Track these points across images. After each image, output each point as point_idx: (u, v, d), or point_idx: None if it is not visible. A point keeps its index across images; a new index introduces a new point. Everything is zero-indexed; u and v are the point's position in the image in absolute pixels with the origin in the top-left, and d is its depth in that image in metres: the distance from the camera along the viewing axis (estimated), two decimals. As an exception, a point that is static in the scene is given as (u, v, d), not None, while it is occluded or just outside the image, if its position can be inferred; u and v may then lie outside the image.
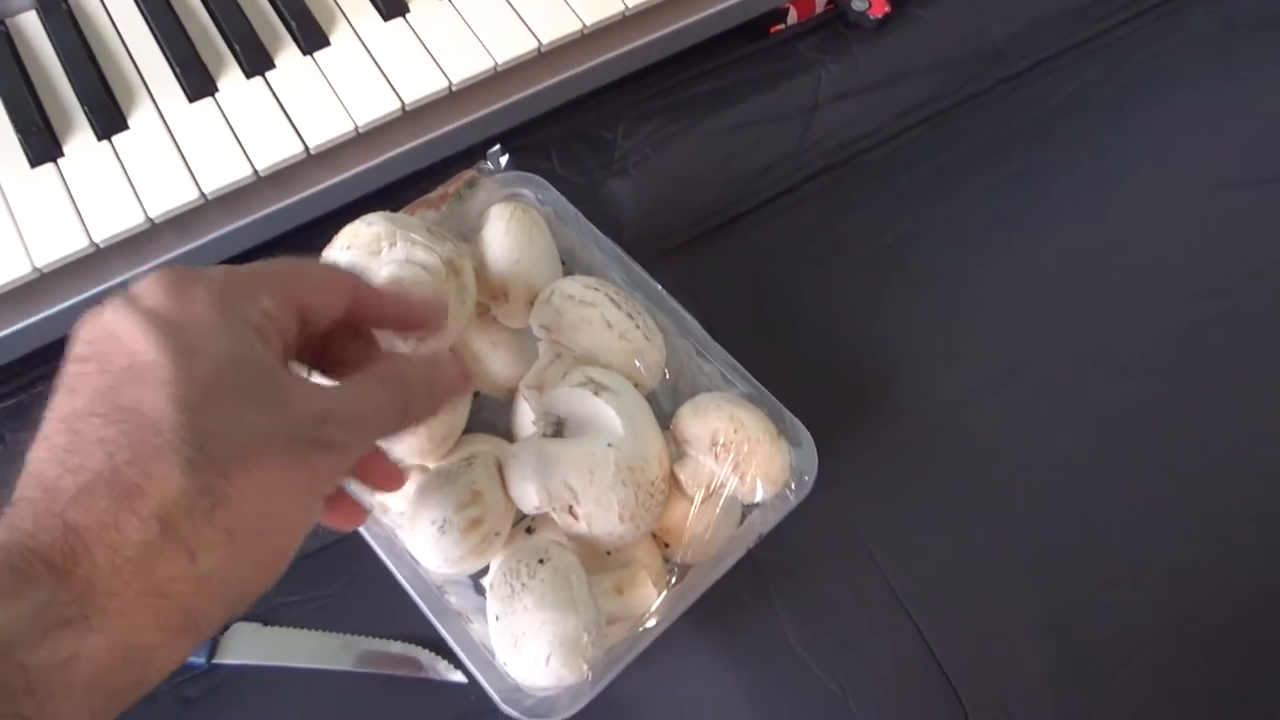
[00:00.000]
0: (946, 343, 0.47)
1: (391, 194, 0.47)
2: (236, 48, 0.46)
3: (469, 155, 0.48)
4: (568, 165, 0.52)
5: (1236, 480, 0.46)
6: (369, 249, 0.37)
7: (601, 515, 0.34)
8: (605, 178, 0.52)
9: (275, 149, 0.44)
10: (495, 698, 0.34)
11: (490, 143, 0.47)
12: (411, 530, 0.36)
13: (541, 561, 0.33)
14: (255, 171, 0.43)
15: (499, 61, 0.47)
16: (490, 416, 0.42)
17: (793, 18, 0.57)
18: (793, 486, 0.37)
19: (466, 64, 0.47)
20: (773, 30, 0.57)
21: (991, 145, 0.54)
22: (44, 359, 0.43)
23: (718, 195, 0.52)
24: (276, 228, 0.46)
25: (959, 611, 0.42)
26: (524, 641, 0.32)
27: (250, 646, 0.39)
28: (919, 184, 0.53)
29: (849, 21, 0.57)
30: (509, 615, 0.33)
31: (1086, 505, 0.44)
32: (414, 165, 0.48)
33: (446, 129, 0.47)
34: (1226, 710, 0.42)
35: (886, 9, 0.56)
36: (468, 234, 0.42)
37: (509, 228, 0.40)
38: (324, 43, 0.47)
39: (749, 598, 0.42)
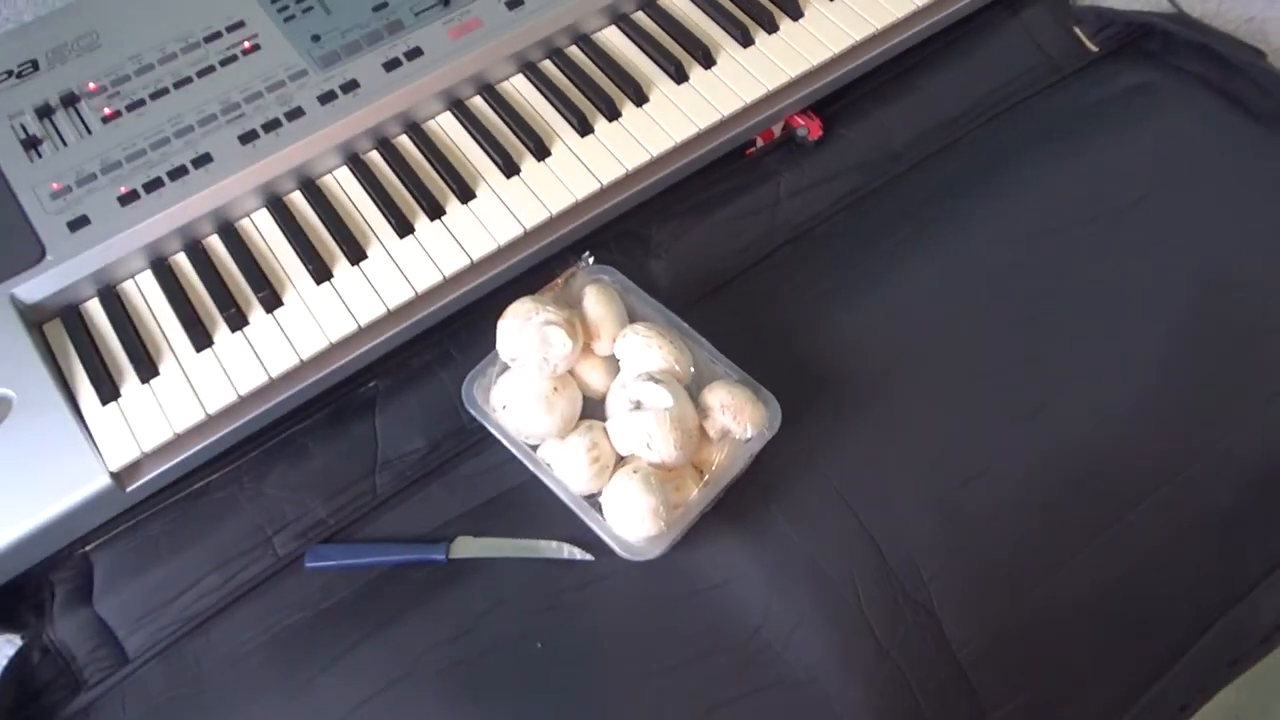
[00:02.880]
0: (866, 340, 0.80)
1: (525, 279, 0.81)
2: (423, 203, 0.80)
3: (564, 252, 0.83)
4: (623, 254, 0.86)
5: (1063, 406, 0.77)
6: (525, 316, 0.72)
7: (664, 448, 0.69)
8: (647, 260, 0.86)
9: (452, 262, 0.78)
10: (616, 549, 0.68)
11: (574, 246, 0.83)
12: (560, 467, 0.71)
13: (635, 471, 0.68)
14: (444, 277, 0.78)
15: (578, 197, 0.81)
16: (590, 410, 0.76)
17: (760, 143, 0.92)
18: (768, 427, 0.72)
19: (559, 200, 0.81)
20: (748, 153, 0.92)
21: (894, 218, 0.88)
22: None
23: (719, 265, 0.86)
24: (446, 312, 0.79)
25: (879, 495, 0.74)
26: (628, 510, 0.67)
27: (470, 548, 0.74)
28: (849, 246, 0.87)
29: (797, 142, 0.92)
30: (621, 499, 0.68)
31: (965, 422, 0.76)
32: (530, 265, 0.82)
33: (549, 239, 0.82)
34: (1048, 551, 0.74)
35: (820, 133, 0.91)
36: (573, 304, 0.77)
37: (598, 298, 0.76)
38: (472, 196, 0.81)
39: (751, 500, 0.74)
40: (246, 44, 0.82)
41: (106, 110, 0.78)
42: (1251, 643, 0.76)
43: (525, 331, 0.70)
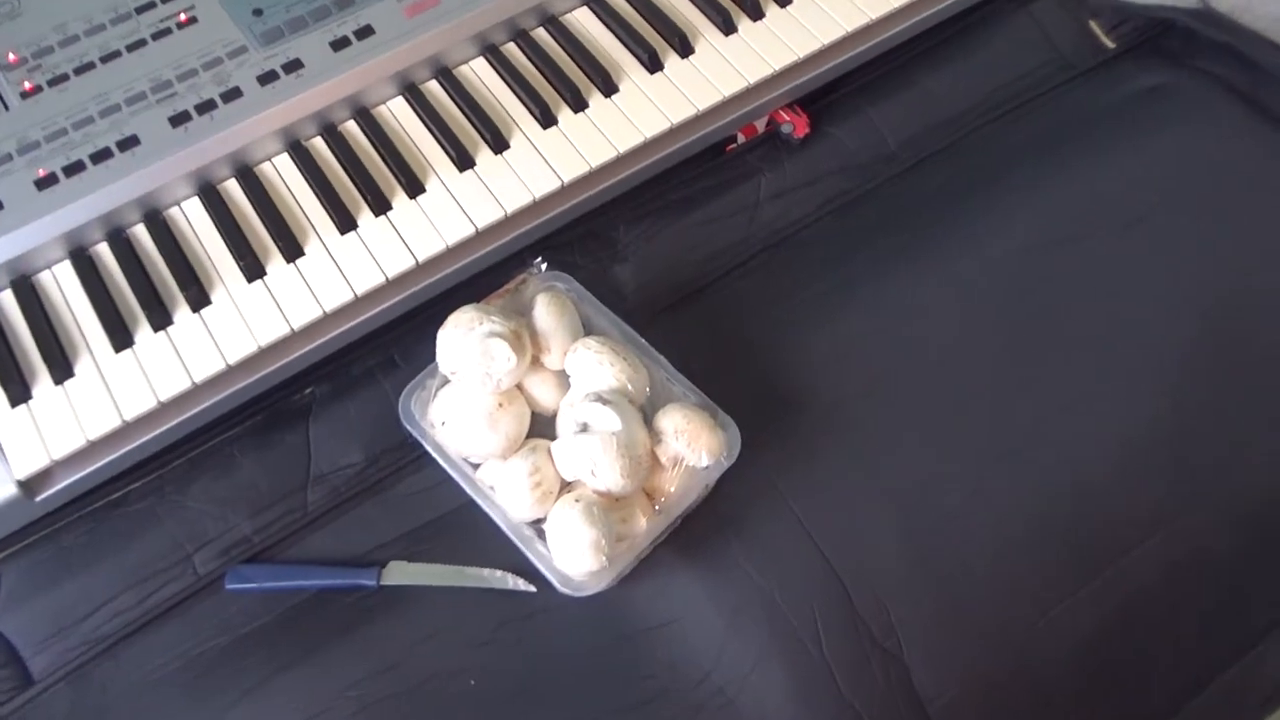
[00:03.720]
0: (842, 360, 0.78)
1: (479, 281, 0.78)
2: (368, 197, 0.78)
3: (520, 255, 0.80)
4: (585, 256, 0.84)
5: (1048, 437, 0.75)
6: (467, 326, 0.69)
7: (610, 475, 0.66)
8: (611, 264, 0.83)
9: (397, 262, 0.75)
10: (554, 582, 0.66)
11: (533, 246, 0.80)
12: (500, 490, 0.68)
13: (577, 500, 0.66)
14: (387, 279, 0.75)
15: (537, 196, 0.78)
16: (541, 428, 0.74)
17: (741, 139, 0.88)
18: (726, 455, 0.69)
19: (516, 199, 0.78)
20: (727, 149, 0.89)
21: (883, 225, 0.85)
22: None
23: (691, 272, 0.83)
24: (390, 315, 0.77)
25: (846, 530, 0.72)
26: (569, 542, 0.65)
27: (402, 574, 0.71)
28: (832, 255, 0.84)
29: (781, 139, 0.89)
30: (560, 530, 0.65)
31: (940, 452, 0.73)
32: (484, 265, 0.80)
33: (503, 240, 0.79)
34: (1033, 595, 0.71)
35: (807, 130, 0.88)
36: (524, 312, 0.74)
37: (549, 308, 0.73)
38: (422, 190, 0.78)
39: (711, 536, 0.72)
40: (182, 16, 0.78)
41: (26, 85, 0.74)
42: (1254, 702, 0.74)
43: (467, 343, 0.68)
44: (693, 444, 0.68)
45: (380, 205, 0.77)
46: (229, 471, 0.75)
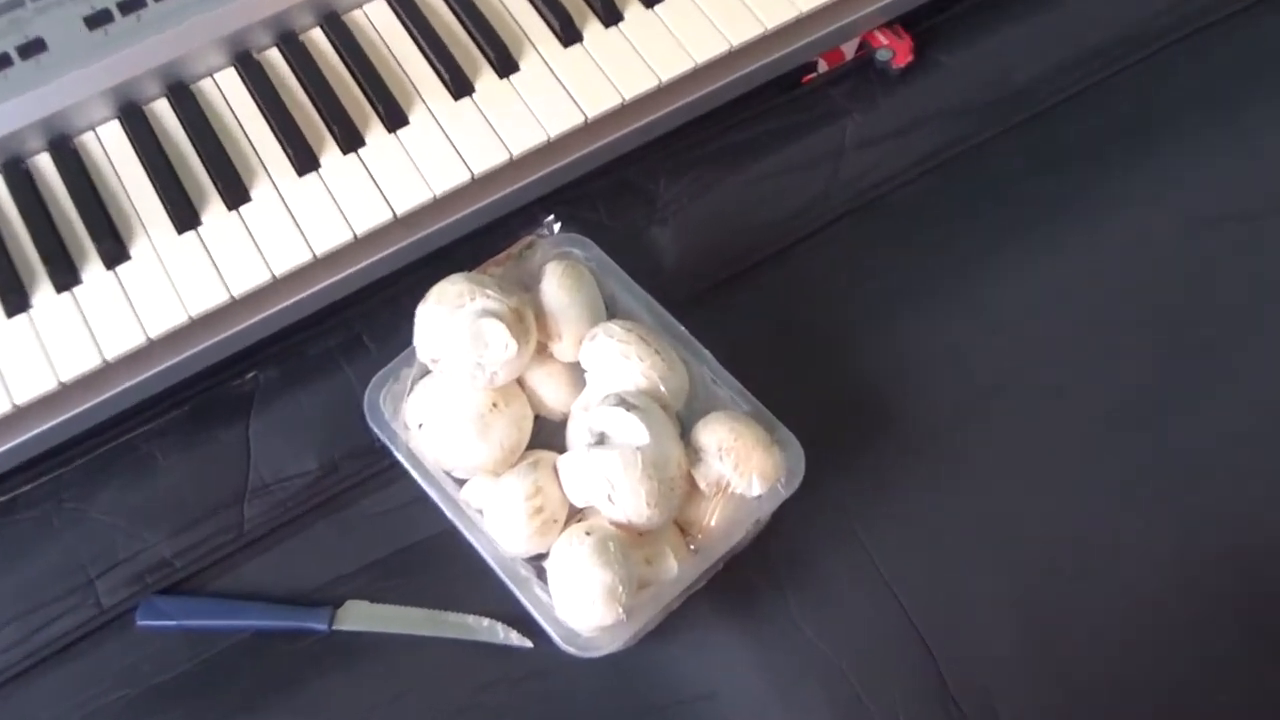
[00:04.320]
0: (939, 364, 0.78)
1: (461, 250, 0.80)
2: (335, 129, 0.79)
3: (527, 210, 0.81)
4: (613, 215, 0.85)
5: (1210, 480, 0.75)
6: (454, 302, 0.70)
7: (632, 502, 0.67)
8: (647, 226, 0.84)
9: (368, 215, 0.76)
10: (556, 637, 0.66)
11: (545, 200, 0.81)
12: (490, 516, 0.69)
13: (588, 533, 0.66)
14: (355, 235, 0.76)
15: (551, 135, 0.79)
16: (547, 436, 0.75)
17: (823, 67, 0.88)
18: (783, 481, 0.69)
19: (525, 137, 0.79)
20: (804, 81, 0.89)
21: (1002, 189, 0.85)
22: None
23: (746, 241, 0.84)
24: (359, 282, 0.78)
25: (939, 589, 0.72)
26: (577, 590, 0.65)
27: (361, 618, 0.72)
28: (934, 227, 0.84)
29: (876, 69, 0.89)
30: (566, 572, 0.66)
31: (1062, 493, 0.74)
32: (482, 222, 0.81)
33: (508, 190, 0.80)
34: (1181, 693, 0.70)
35: (910, 58, 0.88)
36: (529, 286, 0.75)
37: (561, 281, 0.74)
38: (404, 122, 0.79)
39: (762, 584, 0.73)
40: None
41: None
42: None
43: (454, 324, 0.68)
44: (741, 466, 0.69)
45: (350, 140, 0.78)
46: (146, 475, 0.76)
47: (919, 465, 0.75)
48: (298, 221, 0.75)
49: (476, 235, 0.80)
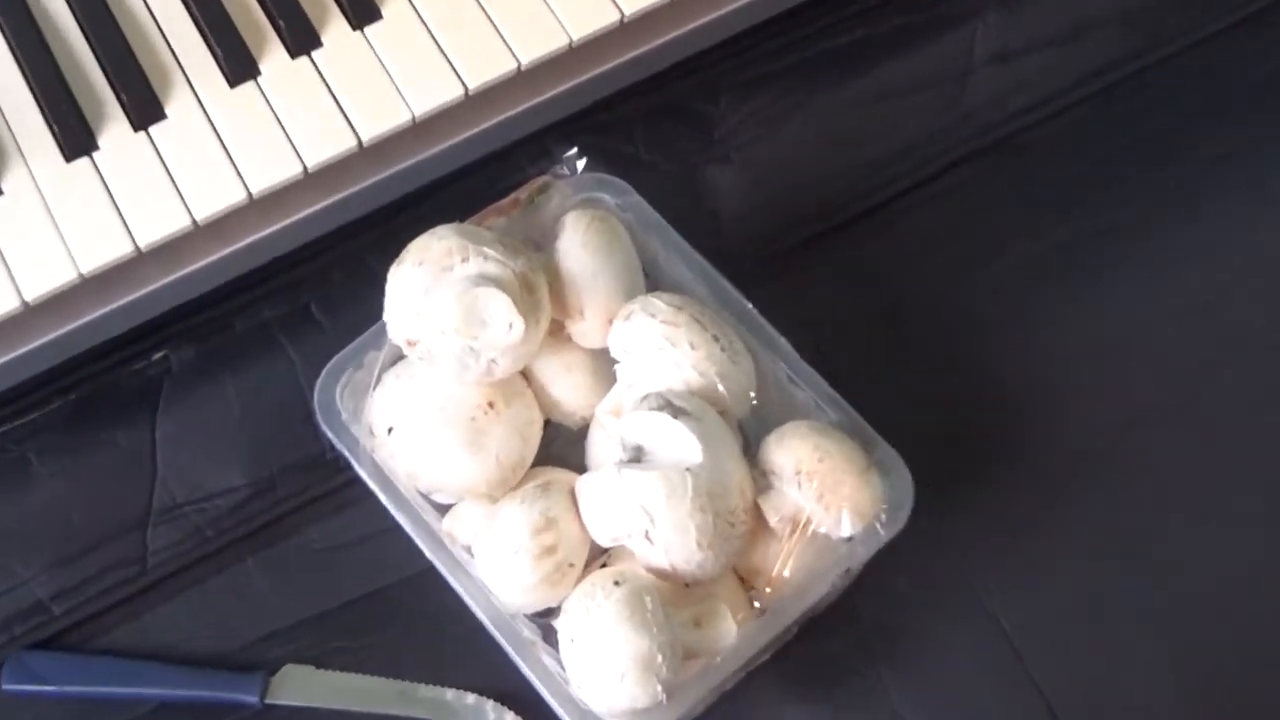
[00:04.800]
0: (1096, 372, 0.78)
1: (449, 194, 0.80)
2: (281, 23, 0.78)
3: (540, 142, 0.81)
4: (656, 149, 0.84)
5: None
6: (440, 264, 0.69)
7: (678, 542, 0.65)
8: (702, 164, 0.84)
9: (323, 141, 0.76)
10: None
11: (564, 126, 0.80)
12: (483, 557, 0.68)
13: (617, 584, 0.65)
14: (305, 168, 0.76)
15: (574, 37, 0.78)
16: (562, 449, 0.75)
17: (945, -51, 0.88)
18: (883, 520, 0.68)
19: (538, 39, 0.78)
20: (918, -33, 0.88)
21: (1188, 122, 0.84)
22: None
23: (837, 188, 0.83)
24: (309, 233, 0.79)
25: (1095, 686, 0.72)
26: (599, 660, 0.64)
27: (303, 688, 0.72)
28: (1092, 172, 0.83)
29: (1018, -49, 0.88)
30: (584, 636, 0.65)
31: (1246, 569, 0.73)
32: (478, 155, 0.81)
33: (514, 112, 0.80)
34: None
35: (1065, -63, 0.87)
36: (541, 244, 0.74)
37: (586, 239, 0.73)
38: (376, 15, 0.79)
39: (851, 659, 0.72)
40: None
41: None
42: None
43: (439, 293, 0.68)
44: (828, 496, 0.68)
45: (302, 38, 0.79)
46: (16, 489, 0.76)
47: (1063, 502, 0.75)
48: (228, 147, 0.75)
49: (471, 174, 0.80)
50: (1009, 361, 0.78)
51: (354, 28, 0.79)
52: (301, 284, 0.81)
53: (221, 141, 0.76)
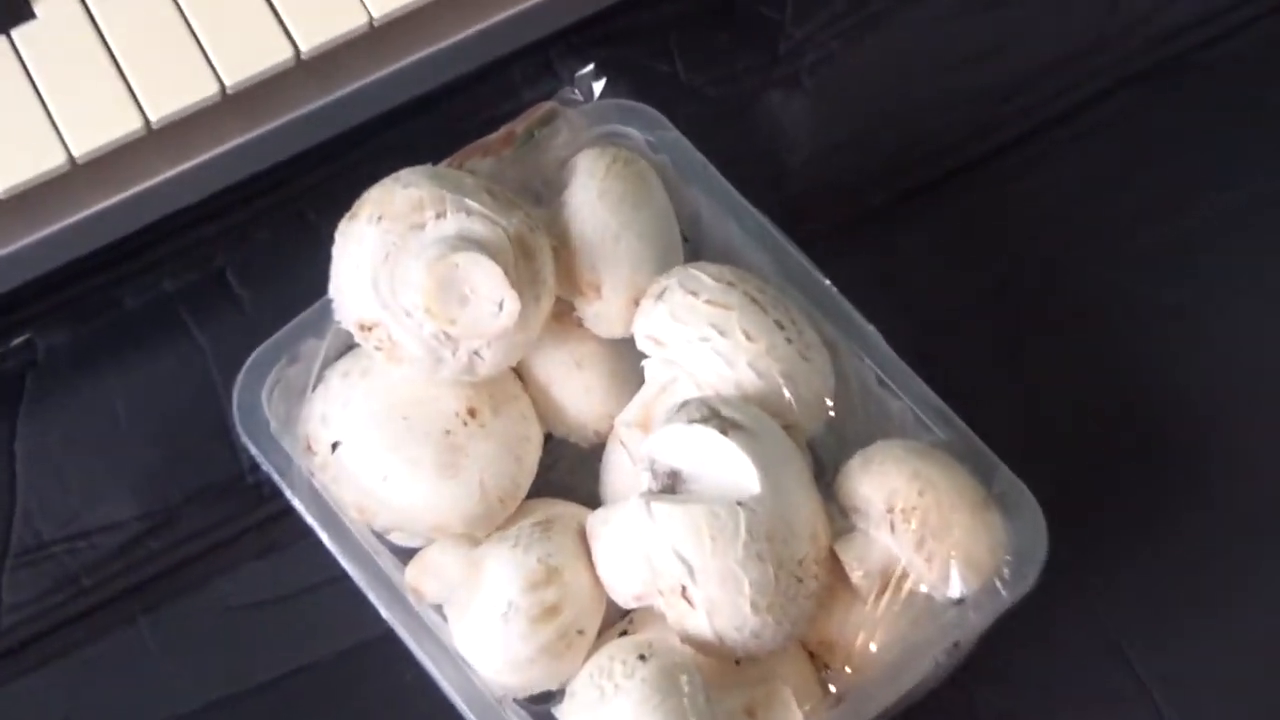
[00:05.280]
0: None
1: (418, 125, 0.80)
2: None
3: (541, 55, 0.81)
4: (698, 67, 0.84)
5: None
6: (406, 220, 0.68)
7: (726, 601, 0.64)
8: (761, 88, 0.83)
9: (250, 54, 0.76)
10: None
11: (577, 33, 0.80)
12: (461, 619, 0.67)
13: (643, 658, 0.64)
14: (222, 86, 0.76)
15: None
16: (567, 473, 0.74)
17: None
18: (1006, 576, 0.67)
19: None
20: None
21: None
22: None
23: (945, 122, 0.82)
24: (225, 178, 0.79)
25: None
26: (619, 759, 0.63)
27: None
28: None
29: None
30: (600, 722, 0.64)
31: None
32: (457, 73, 0.81)
33: (507, 14, 0.80)
34: None
35: None
36: (543, 195, 0.73)
37: (605, 187, 0.72)
38: None
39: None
40: None
41: None
42: None
43: (405, 260, 0.68)
44: (932, 543, 0.67)
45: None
46: None
47: (1248, 554, 0.74)
48: (118, 58, 0.76)
49: (449, 99, 0.81)
50: (1174, 362, 0.78)
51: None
52: (214, 245, 0.81)
53: (109, 46, 0.77)
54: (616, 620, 0.70)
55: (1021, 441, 0.70)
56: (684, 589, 0.64)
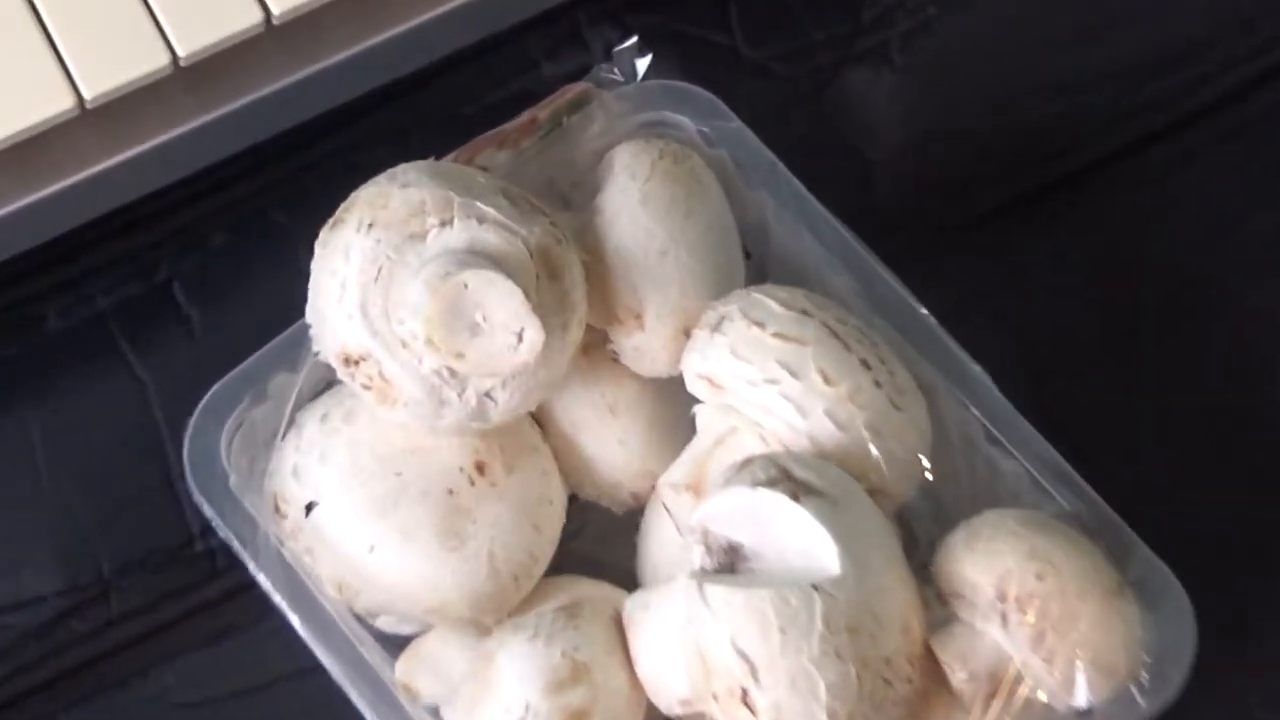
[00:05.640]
0: None
1: (422, 99, 0.80)
2: None
3: (569, 21, 0.81)
4: (762, 40, 0.84)
5: None
6: (405, 228, 0.68)
7: (797, 708, 0.64)
8: (840, 64, 0.83)
9: (207, 20, 0.76)
10: None
11: None
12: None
13: None
14: (174, 56, 0.76)
15: None
16: (597, 544, 0.74)
17: None
18: (1145, 681, 0.67)
19: None
20: None
21: None
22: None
23: (1070, 108, 0.82)
24: (200, 157, 0.80)
25: None
26: None
27: None
28: None
29: None
30: None
31: None
32: (466, 42, 0.81)
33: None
34: None
35: None
36: (573, 198, 0.74)
37: (650, 190, 0.72)
38: None
39: None
40: None
41: None
42: None
43: (402, 278, 0.68)
44: (1053, 639, 0.66)
45: None
46: None
47: None
48: (46, 23, 0.77)
49: (456, 75, 0.82)
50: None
51: None
52: (159, 252, 0.81)
53: (35, 6, 0.77)
54: (660, 723, 0.69)
55: (1165, 514, 0.70)
56: (745, 693, 0.64)
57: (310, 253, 0.71)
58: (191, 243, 0.82)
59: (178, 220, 0.82)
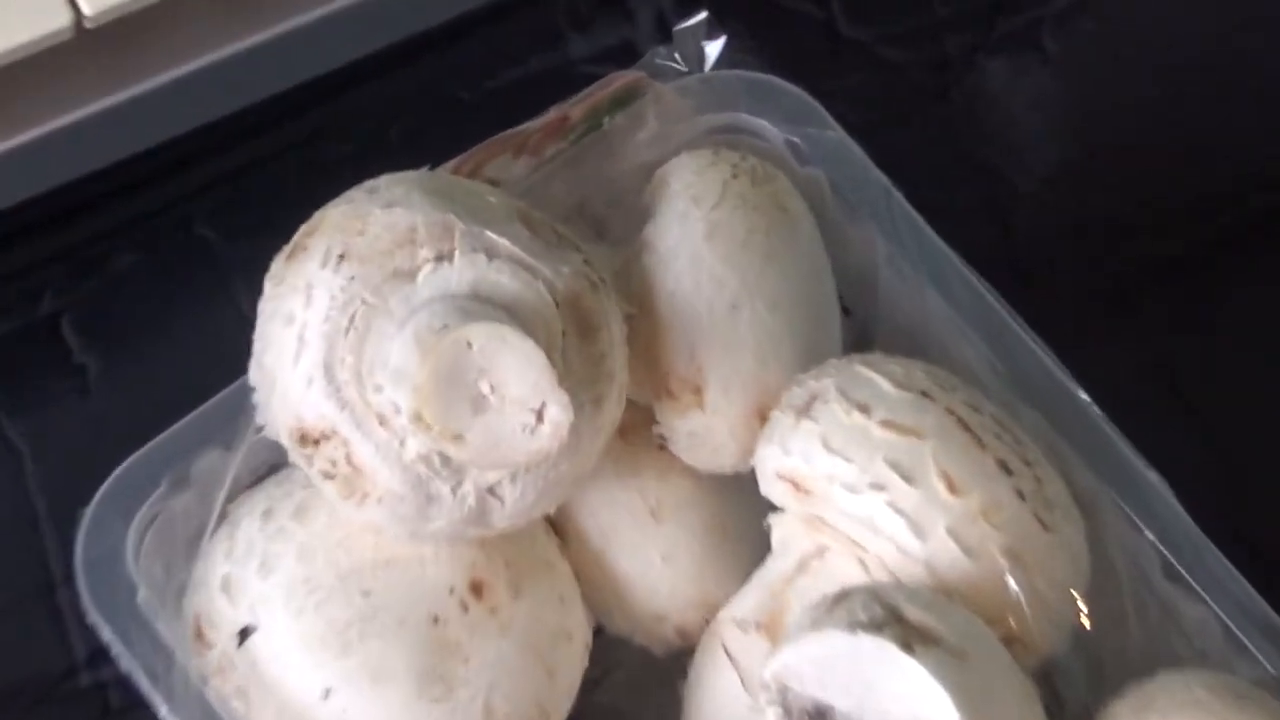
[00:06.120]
0: None
1: (411, 79, 0.80)
2: None
3: None
4: (869, 16, 0.84)
5: None
6: (388, 263, 0.68)
7: None
8: (974, 52, 0.84)
9: None
10: None
11: None
12: None
13: None
14: (79, 16, 0.77)
15: None
16: (626, 694, 0.74)
17: None
18: None
19: None
20: None
21: None
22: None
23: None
24: (109, 153, 0.80)
25: None
26: None
27: None
28: None
29: None
30: None
31: None
32: (457, 5, 0.81)
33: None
34: None
35: None
36: (612, 224, 0.73)
37: (718, 220, 0.72)
38: None
39: None
40: None
41: None
42: None
43: (381, 330, 0.67)
44: None
45: None
46: None
47: None
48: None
49: (457, 54, 0.81)
50: None
51: None
52: (44, 276, 0.81)
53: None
54: None
55: None
56: None
57: (251, 286, 0.70)
58: (86, 264, 0.81)
59: (70, 234, 0.81)
